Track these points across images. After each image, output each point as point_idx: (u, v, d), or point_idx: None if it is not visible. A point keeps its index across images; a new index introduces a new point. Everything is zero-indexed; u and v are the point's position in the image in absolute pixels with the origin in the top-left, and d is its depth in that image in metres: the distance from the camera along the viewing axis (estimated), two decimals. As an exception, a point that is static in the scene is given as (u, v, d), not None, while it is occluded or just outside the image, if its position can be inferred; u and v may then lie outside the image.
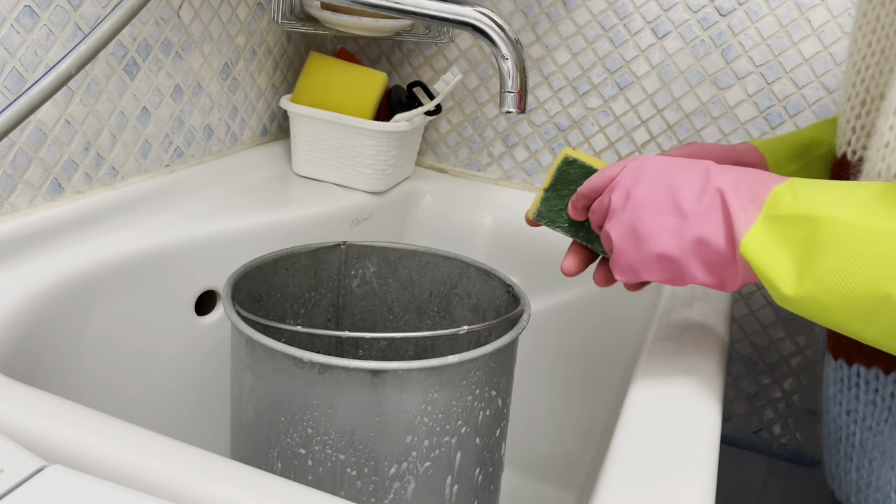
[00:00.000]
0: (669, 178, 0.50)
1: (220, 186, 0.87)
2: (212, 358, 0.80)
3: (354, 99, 0.93)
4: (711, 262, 0.48)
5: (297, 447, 0.55)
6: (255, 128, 0.97)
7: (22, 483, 0.39)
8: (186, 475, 0.43)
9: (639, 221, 0.50)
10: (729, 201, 0.47)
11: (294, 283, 0.72)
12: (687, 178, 0.49)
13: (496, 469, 0.62)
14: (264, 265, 0.69)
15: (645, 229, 0.49)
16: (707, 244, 0.48)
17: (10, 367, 0.57)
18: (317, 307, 0.74)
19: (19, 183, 0.67)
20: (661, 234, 0.49)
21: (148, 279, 0.73)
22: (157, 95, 0.80)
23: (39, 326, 0.62)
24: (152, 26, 0.77)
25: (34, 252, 0.66)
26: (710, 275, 0.49)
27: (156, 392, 0.76)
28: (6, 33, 0.63)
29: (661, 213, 0.49)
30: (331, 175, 0.96)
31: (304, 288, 0.73)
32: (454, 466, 0.57)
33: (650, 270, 0.50)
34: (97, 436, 0.46)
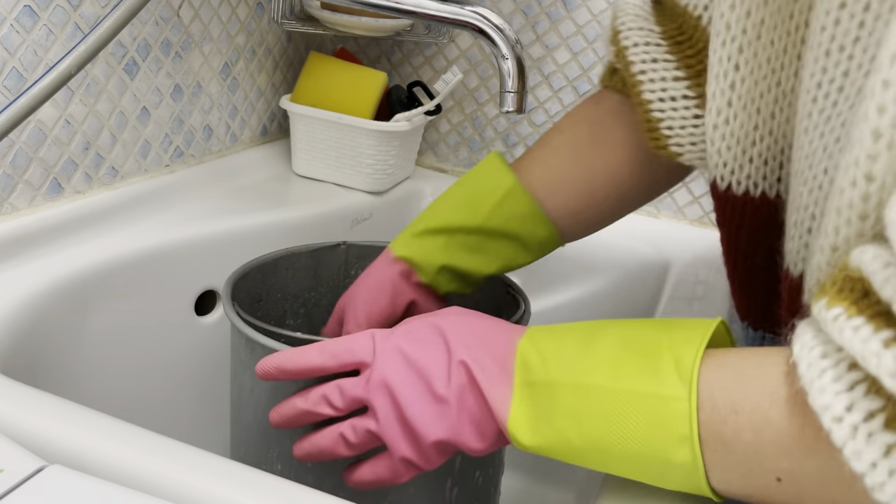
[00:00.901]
0: (417, 364, 0.47)
1: (219, 186, 0.87)
2: (211, 358, 0.80)
3: (354, 99, 0.93)
4: (486, 436, 0.46)
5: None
6: (255, 128, 0.97)
7: (22, 483, 0.39)
8: (186, 475, 0.43)
9: (406, 417, 0.46)
10: (478, 379, 0.45)
11: (294, 283, 0.72)
12: (432, 360, 0.46)
13: (496, 471, 0.62)
14: (264, 265, 0.69)
15: (414, 423, 0.46)
16: (476, 426, 0.45)
17: (10, 367, 0.57)
18: (317, 307, 0.74)
19: (19, 183, 0.67)
20: (431, 422, 0.46)
21: (148, 279, 0.73)
22: (156, 95, 0.80)
23: (39, 326, 0.62)
24: (152, 26, 0.77)
25: (34, 252, 0.66)
26: (487, 443, 0.46)
27: (155, 392, 0.76)
28: (6, 33, 0.63)
29: (424, 404, 0.46)
30: (331, 175, 0.96)
31: (303, 288, 0.73)
32: (454, 468, 0.57)
33: (430, 458, 0.47)
34: (97, 436, 0.46)
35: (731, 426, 0.37)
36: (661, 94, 0.53)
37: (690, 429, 0.38)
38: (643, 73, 0.54)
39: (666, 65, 0.53)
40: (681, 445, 0.38)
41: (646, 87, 0.54)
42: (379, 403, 0.47)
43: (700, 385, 0.38)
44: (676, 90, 0.53)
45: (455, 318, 0.49)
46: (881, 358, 0.30)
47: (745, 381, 0.38)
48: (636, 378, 0.40)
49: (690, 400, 0.38)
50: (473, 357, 0.45)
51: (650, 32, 0.55)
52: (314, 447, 0.50)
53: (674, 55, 0.54)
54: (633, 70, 0.54)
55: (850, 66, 0.38)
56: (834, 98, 0.39)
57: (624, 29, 0.56)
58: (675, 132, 0.53)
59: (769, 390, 0.36)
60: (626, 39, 0.55)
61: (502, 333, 0.47)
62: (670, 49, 0.54)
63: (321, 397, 0.49)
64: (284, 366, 0.50)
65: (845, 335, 0.32)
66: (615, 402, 0.40)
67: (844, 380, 0.32)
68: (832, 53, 0.39)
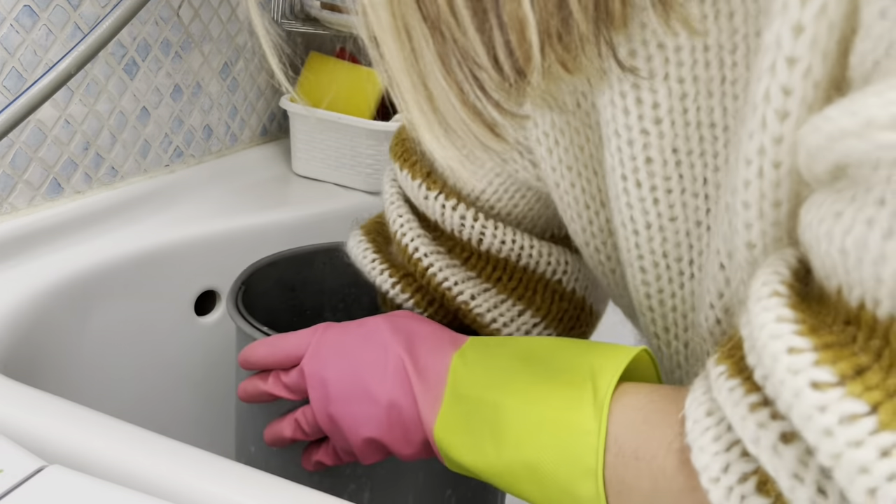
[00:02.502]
0: (354, 362, 0.47)
1: (219, 186, 0.87)
2: (211, 358, 0.80)
3: (354, 99, 0.93)
4: (413, 442, 0.46)
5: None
6: (255, 128, 0.97)
7: (22, 483, 0.39)
8: (186, 475, 0.43)
9: (338, 412, 0.47)
10: (413, 383, 0.45)
11: (332, 278, 0.72)
12: (370, 359, 0.47)
13: (479, 498, 0.62)
14: (296, 256, 0.68)
15: (345, 419, 0.47)
16: (403, 430, 0.45)
17: (10, 367, 0.57)
18: (357, 304, 0.74)
19: (19, 183, 0.67)
20: (361, 421, 0.46)
21: (148, 279, 0.73)
22: (156, 95, 0.80)
23: (39, 326, 0.62)
24: (152, 26, 0.77)
25: (34, 252, 0.66)
26: (414, 449, 0.46)
27: (155, 392, 0.76)
28: (6, 33, 0.63)
29: (356, 401, 0.46)
30: (330, 175, 0.96)
31: (343, 283, 0.73)
32: (417, 482, 0.57)
33: (364, 453, 0.48)
34: (97, 436, 0.46)
35: (632, 471, 0.37)
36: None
37: (596, 463, 0.38)
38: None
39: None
40: (586, 478, 0.38)
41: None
42: (314, 396, 0.48)
43: (610, 425, 0.38)
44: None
45: (403, 320, 0.49)
46: (745, 422, 0.30)
47: (649, 426, 0.37)
48: (555, 405, 0.40)
49: (599, 434, 0.38)
50: (412, 361, 0.46)
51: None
52: (277, 433, 0.52)
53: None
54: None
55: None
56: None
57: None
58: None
59: (667, 440, 0.36)
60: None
61: (444, 343, 0.47)
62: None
63: (276, 379, 0.51)
64: (245, 357, 0.53)
65: (723, 395, 0.32)
66: (532, 426, 0.40)
67: (723, 440, 0.32)
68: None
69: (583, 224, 0.49)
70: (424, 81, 0.32)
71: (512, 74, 0.32)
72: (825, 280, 0.30)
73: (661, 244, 0.43)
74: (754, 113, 0.33)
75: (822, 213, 0.29)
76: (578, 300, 0.56)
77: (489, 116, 0.33)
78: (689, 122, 0.39)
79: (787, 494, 0.29)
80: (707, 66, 0.37)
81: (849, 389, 0.26)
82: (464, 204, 0.52)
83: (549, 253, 0.54)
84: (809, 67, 0.30)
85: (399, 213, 0.55)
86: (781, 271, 0.32)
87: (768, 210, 0.34)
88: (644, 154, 0.40)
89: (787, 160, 0.33)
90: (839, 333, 0.28)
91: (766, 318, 0.29)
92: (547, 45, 0.31)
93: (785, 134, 0.32)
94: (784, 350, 0.28)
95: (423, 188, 0.53)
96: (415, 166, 0.54)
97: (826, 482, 0.27)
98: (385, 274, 0.56)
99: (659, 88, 0.38)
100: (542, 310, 0.55)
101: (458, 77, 0.32)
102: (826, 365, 0.27)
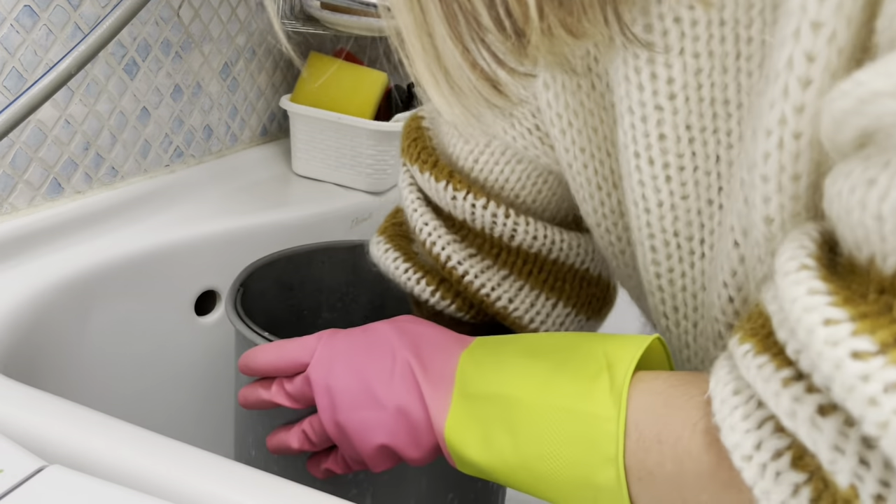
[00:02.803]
0: (359, 369, 0.47)
1: (219, 186, 0.87)
2: (211, 358, 0.80)
3: (354, 99, 0.93)
4: (423, 445, 0.45)
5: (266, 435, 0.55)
6: (255, 128, 0.97)
7: (22, 483, 0.39)
8: (186, 475, 0.43)
9: (346, 420, 0.47)
10: (422, 387, 0.44)
11: (331, 277, 0.72)
12: (377, 365, 0.46)
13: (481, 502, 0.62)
14: (295, 255, 0.69)
15: (353, 427, 0.46)
16: (413, 434, 0.45)
17: (10, 367, 0.57)
18: (355, 303, 0.74)
19: (19, 183, 0.67)
20: (370, 428, 0.46)
21: (148, 279, 0.73)
22: (156, 95, 0.80)
23: (39, 326, 0.62)
24: (152, 26, 0.77)
25: (34, 252, 0.66)
26: (424, 452, 0.46)
27: (155, 392, 0.76)
28: (6, 33, 0.63)
29: (364, 408, 0.46)
30: (330, 175, 0.96)
31: (341, 283, 0.73)
32: (420, 488, 0.56)
33: (374, 460, 0.47)
34: (97, 436, 0.46)
35: (654, 456, 0.37)
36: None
37: (616, 450, 0.37)
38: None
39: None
40: (606, 466, 0.38)
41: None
42: (321, 405, 0.47)
43: (629, 411, 0.38)
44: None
45: (408, 325, 0.49)
46: (779, 397, 0.30)
47: (671, 409, 0.37)
48: (570, 395, 0.40)
49: (619, 421, 0.38)
50: (419, 364, 0.45)
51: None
52: (283, 444, 0.52)
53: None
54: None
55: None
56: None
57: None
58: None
59: (692, 421, 0.36)
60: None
61: (450, 344, 0.47)
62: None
63: (279, 387, 0.50)
64: (246, 363, 0.52)
65: (751, 373, 0.32)
66: (548, 418, 0.40)
67: (753, 417, 0.32)
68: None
69: (594, 205, 0.49)
70: (433, 42, 0.33)
71: (513, 34, 0.32)
72: (855, 251, 0.29)
73: (672, 222, 0.43)
74: (776, 81, 0.33)
75: (852, 182, 0.29)
76: (604, 283, 0.57)
77: (493, 74, 0.34)
78: (702, 98, 0.39)
79: (828, 467, 0.28)
80: (722, 41, 0.37)
81: (890, 357, 0.26)
82: (494, 202, 0.52)
83: (578, 244, 0.55)
84: (834, 32, 0.30)
85: (425, 220, 0.54)
86: (807, 245, 0.31)
87: (787, 183, 0.34)
88: (657, 130, 0.40)
89: (808, 131, 0.32)
90: (874, 303, 0.28)
91: (797, 292, 0.29)
92: (546, 6, 0.31)
93: (807, 103, 0.32)
94: (820, 322, 0.28)
95: (450, 189, 0.53)
96: (436, 167, 0.54)
97: (868, 453, 0.27)
98: (423, 283, 0.56)
99: (674, 63, 0.38)
100: (573, 298, 0.55)
101: (464, 37, 0.33)
102: (865, 334, 0.26)
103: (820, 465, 0.29)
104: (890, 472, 0.27)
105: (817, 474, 0.29)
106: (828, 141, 0.31)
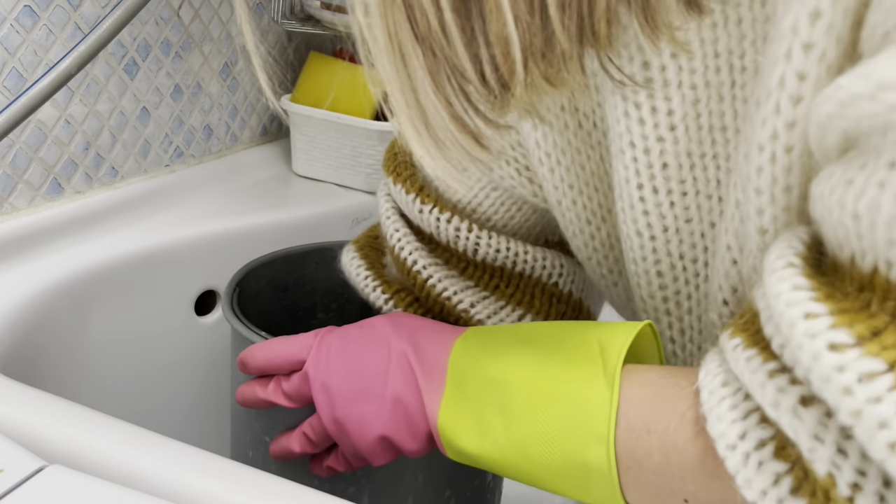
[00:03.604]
0: (355, 363, 0.47)
1: (219, 186, 0.87)
2: (211, 358, 0.80)
3: (354, 99, 0.93)
4: (419, 434, 0.46)
5: (263, 434, 0.55)
6: (255, 128, 0.97)
7: (22, 483, 0.39)
8: (186, 475, 0.43)
9: (344, 415, 0.47)
10: (418, 377, 0.45)
11: (325, 278, 0.72)
12: (372, 359, 0.47)
13: (496, 478, 0.62)
14: (289, 256, 0.68)
15: (351, 421, 0.47)
16: (410, 425, 0.45)
17: (10, 367, 0.57)
18: (350, 304, 0.74)
19: (19, 183, 0.67)
20: (368, 421, 0.46)
21: (148, 279, 0.73)
22: (156, 95, 0.80)
23: (39, 326, 0.62)
24: (152, 26, 0.77)
25: (34, 252, 0.66)
26: (420, 441, 0.46)
27: (155, 392, 0.76)
28: (6, 33, 0.63)
29: (361, 402, 0.46)
30: (331, 175, 0.96)
31: (336, 283, 0.73)
32: (417, 484, 0.56)
33: (374, 454, 0.47)
34: (97, 436, 0.46)
35: (642, 445, 0.37)
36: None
37: (608, 430, 0.38)
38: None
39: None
40: (597, 445, 0.38)
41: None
42: (319, 403, 0.48)
43: (620, 401, 0.39)
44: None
45: (404, 318, 0.50)
46: (764, 388, 0.31)
47: (660, 399, 0.38)
48: (563, 379, 0.40)
49: (612, 402, 0.38)
50: (415, 353, 0.46)
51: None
52: (285, 448, 0.52)
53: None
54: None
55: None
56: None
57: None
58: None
59: (680, 411, 0.37)
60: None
61: (444, 334, 0.47)
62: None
63: (277, 386, 0.51)
64: (244, 361, 0.52)
65: (739, 365, 0.32)
66: (541, 401, 0.40)
67: (740, 408, 0.32)
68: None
69: (584, 239, 0.50)
70: (417, 97, 0.34)
71: (497, 87, 0.33)
72: (838, 251, 0.30)
73: (677, 246, 0.44)
74: (767, 100, 0.34)
75: (833, 183, 0.30)
76: (575, 302, 0.57)
77: (475, 128, 0.35)
78: (701, 126, 0.40)
79: (808, 455, 0.29)
80: (718, 72, 0.39)
81: (866, 349, 0.26)
82: (458, 217, 0.53)
83: (544, 258, 0.55)
84: (824, 52, 0.31)
85: (396, 227, 0.55)
86: (795, 245, 0.32)
87: (780, 195, 0.35)
88: (661, 160, 0.41)
89: (799, 144, 0.33)
90: (854, 300, 0.28)
91: (782, 288, 0.30)
92: (530, 61, 0.32)
93: (798, 118, 0.33)
94: (801, 316, 0.28)
95: (418, 202, 0.54)
96: (408, 181, 0.55)
97: (845, 443, 0.28)
98: (378, 291, 0.57)
99: (673, 96, 0.40)
100: (542, 313, 0.55)
101: (447, 91, 0.33)
102: (843, 327, 0.27)
103: (801, 454, 0.30)
104: (866, 461, 0.27)
105: (798, 464, 0.30)
106: (815, 148, 0.32)
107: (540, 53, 0.32)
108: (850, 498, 0.28)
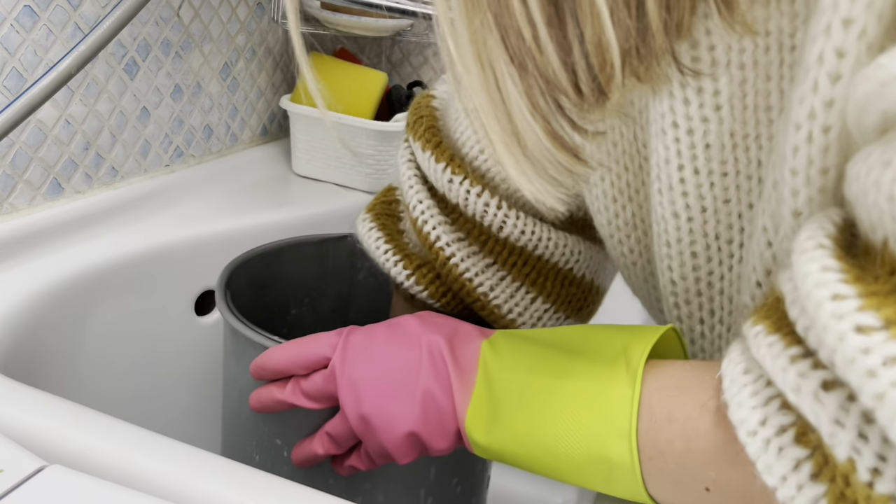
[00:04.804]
0: (384, 361, 0.47)
1: (219, 186, 0.87)
2: (211, 358, 0.80)
3: (354, 99, 0.93)
4: (448, 431, 0.46)
5: (274, 437, 0.55)
6: (255, 128, 0.97)
7: (22, 483, 0.39)
8: (186, 475, 0.43)
9: (372, 412, 0.47)
10: (451, 374, 0.45)
11: (299, 273, 0.72)
12: (404, 357, 0.47)
13: (478, 480, 0.62)
14: (266, 254, 0.68)
15: (378, 417, 0.46)
16: (440, 423, 0.45)
17: (10, 367, 0.57)
18: (323, 297, 0.74)
19: (19, 183, 0.67)
20: (398, 418, 0.46)
21: (148, 279, 0.73)
22: (156, 95, 0.80)
23: (39, 326, 0.62)
24: (152, 26, 0.77)
25: (34, 252, 0.66)
26: (449, 439, 0.46)
27: (155, 392, 0.76)
28: (6, 33, 0.63)
29: (390, 398, 0.46)
30: (331, 175, 0.96)
31: (309, 278, 0.73)
32: (429, 477, 0.57)
33: (401, 451, 0.47)
34: (97, 436, 0.46)
35: (664, 435, 0.38)
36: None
37: (630, 425, 0.38)
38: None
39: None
40: (619, 440, 0.39)
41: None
42: (345, 400, 0.47)
43: (643, 392, 0.39)
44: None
45: (431, 317, 0.50)
46: (786, 373, 0.30)
47: (682, 391, 0.38)
48: (587, 376, 0.41)
49: (633, 398, 0.39)
50: (449, 350, 0.46)
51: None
52: (308, 452, 0.51)
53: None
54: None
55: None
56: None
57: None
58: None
59: (701, 401, 0.37)
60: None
61: (473, 334, 0.48)
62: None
63: (295, 386, 0.50)
64: (262, 364, 0.51)
65: (761, 351, 0.32)
66: (564, 397, 0.41)
67: (761, 395, 0.32)
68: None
69: (608, 217, 0.50)
70: (511, 120, 0.34)
71: (592, 95, 0.33)
72: (871, 233, 0.30)
73: (714, 226, 0.44)
74: (806, 76, 0.33)
75: (870, 164, 0.29)
76: (587, 284, 0.58)
77: (572, 142, 0.35)
78: (746, 107, 0.40)
79: (828, 440, 0.29)
80: (767, 51, 0.38)
81: (893, 333, 0.26)
82: (488, 192, 0.52)
83: (565, 244, 0.55)
84: (864, 29, 0.31)
85: (419, 198, 0.55)
86: (826, 226, 0.32)
87: (815, 177, 0.34)
88: (704, 141, 0.41)
89: (837, 125, 0.33)
90: (884, 283, 0.28)
91: (810, 269, 0.30)
92: (627, 62, 0.32)
93: (836, 97, 0.32)
94: (828, 297, 0.28)
95: (448, 172, 0.53)
96: (437, 149, 0.54)
97: (867, 427, 0.28)
98: (399, 266, 0.57)
99: (720, 76, 0.39)
100: (553, 295, 0.56)
101: (543, 109, 0.33)
102: (870, 310, 0.27)
103: (821, 440, 0.29)
104: (887, 446, 0.27)
105: (819, 450, 0.30)
106: (854, 128, 0.31)
107: (636, 53, 0.32)
108: (870, 483, 0.28)
